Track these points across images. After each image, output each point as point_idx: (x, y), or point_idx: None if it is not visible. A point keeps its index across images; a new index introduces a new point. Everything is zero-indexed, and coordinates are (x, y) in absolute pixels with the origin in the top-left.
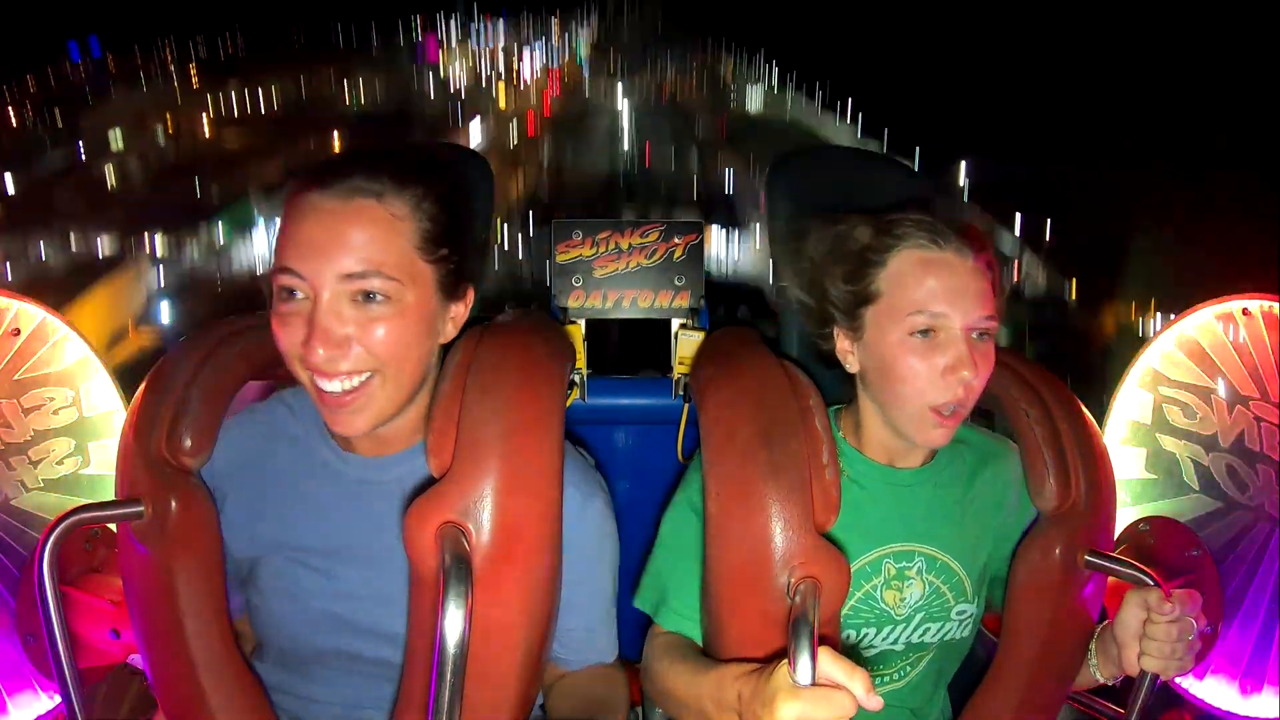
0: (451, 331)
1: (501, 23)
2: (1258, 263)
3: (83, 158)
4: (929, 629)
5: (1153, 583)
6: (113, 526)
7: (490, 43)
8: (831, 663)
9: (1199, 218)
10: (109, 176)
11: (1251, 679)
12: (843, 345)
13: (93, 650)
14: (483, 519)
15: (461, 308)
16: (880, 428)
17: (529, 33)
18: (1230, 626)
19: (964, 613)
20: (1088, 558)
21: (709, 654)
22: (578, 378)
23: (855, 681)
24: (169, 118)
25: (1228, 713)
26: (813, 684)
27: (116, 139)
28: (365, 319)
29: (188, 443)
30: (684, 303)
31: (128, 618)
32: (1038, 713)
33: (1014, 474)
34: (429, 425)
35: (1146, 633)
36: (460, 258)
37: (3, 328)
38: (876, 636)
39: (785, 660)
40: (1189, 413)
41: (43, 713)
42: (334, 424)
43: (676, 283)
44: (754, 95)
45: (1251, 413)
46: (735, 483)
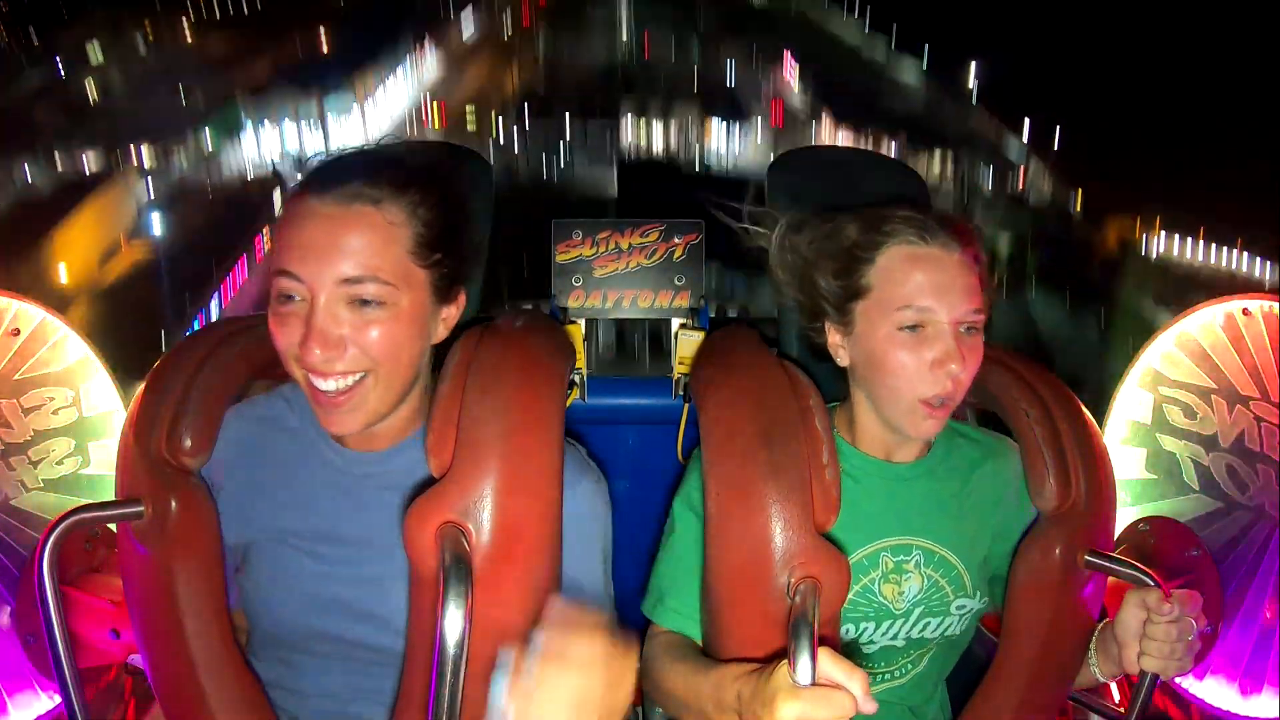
0: (443, 333)
1: None
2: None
3: (61, 74)
4: (929, 623)
5: (1153, 583)
6: (113, 526)
7: None
8: (831, 663)
9: (1217, 143)
10: (90, 91)
11: (1251, 679)
12: (834, 339)
13: (93, 650)
14: (483, 519)
15: (454, 309)
16: (874, 422)
17: None
18: (1230, 626)
19: (964, 607)
20: (1088, 558)
21: (709, 654)
22: (578, 378)
23: (855, 682)
24: (147, 25)
25: (1228, 713)
26: (813, 684)
27: (96, 52)
28: (360, 321)
29: (188, 443)
30: (684, 303)
31: (128, 618)
32: (1038, 713)
33: (1013, 471)
34: (429, 425)
35: (1146, 633)
36: (454, 262)
37: (3, 328)
38: (876, 631)
39: (785, 660)
40: (1189, 413)
41: (43, 713)
42: (327, 423)
43: (676, 282)
44: None
45: (1251, 413)
46: (735, 483)
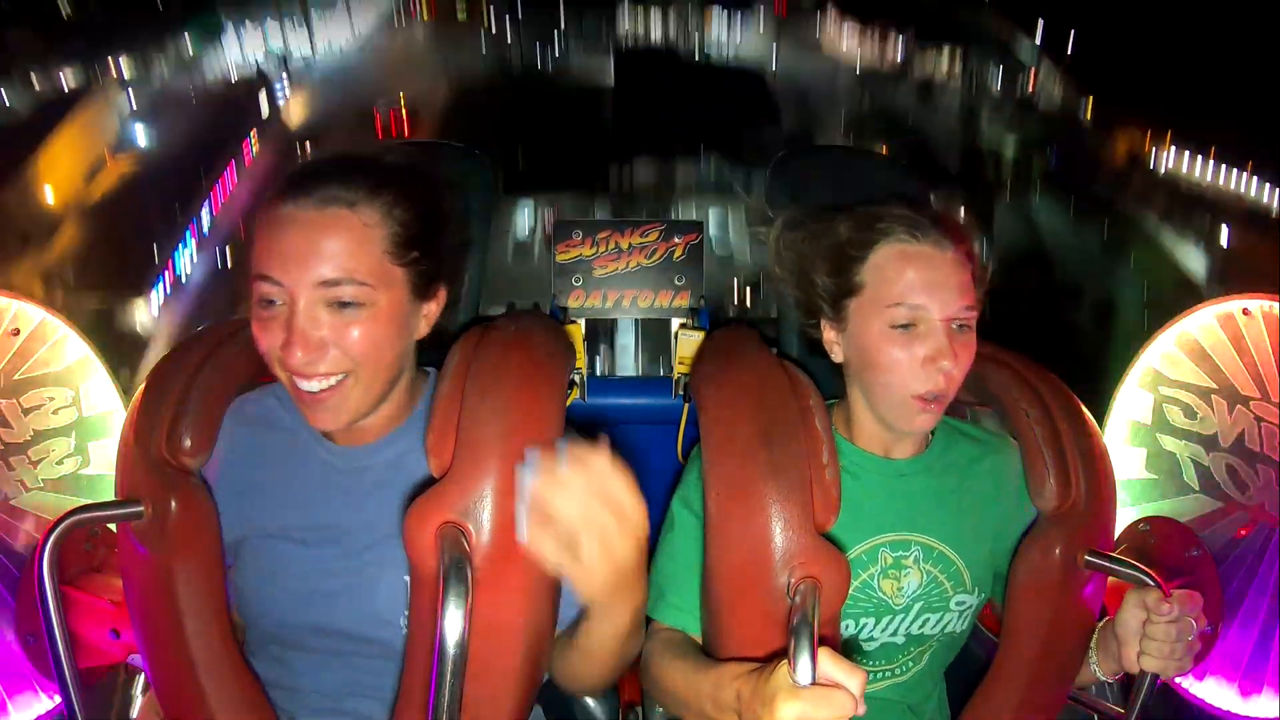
0: (425, 328)
1: None
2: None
3: None
4: (928, 619)
5: (1153, 583)
6: (113, 526)
7: None
8: (831, 663)
9: (1236, 63)
10: (62, 6)
11: (1251, 680)
12: (829, 336)
13: (93, 650)
14: (483, 519)
15: (434, 305)
16: (870, 419)
17: None
18: (1230, 627)
19: (963, 603)
20: (1088, 558)
21: (709, 653)
22: (578, 378)
23: (854, 682)
24: None
25: (1228, 713)
26: (813, 684)
27: None
28: (340, 323)
29: (188, 443)
30: (684, 303)
31: (128, 618)
32: (1038, 712)
33: (1013, 469)
34: (429, 425)
35: (1146, 633)
36: (432, 260)
37: (2, 328)
38: (876, 627)
39: (785, 660)
40: (1189, 413)
41: (43, 713)
42: (312, 420)
43: (676, 282)
44: None
45: (1251, 413)
46: (735, 483)
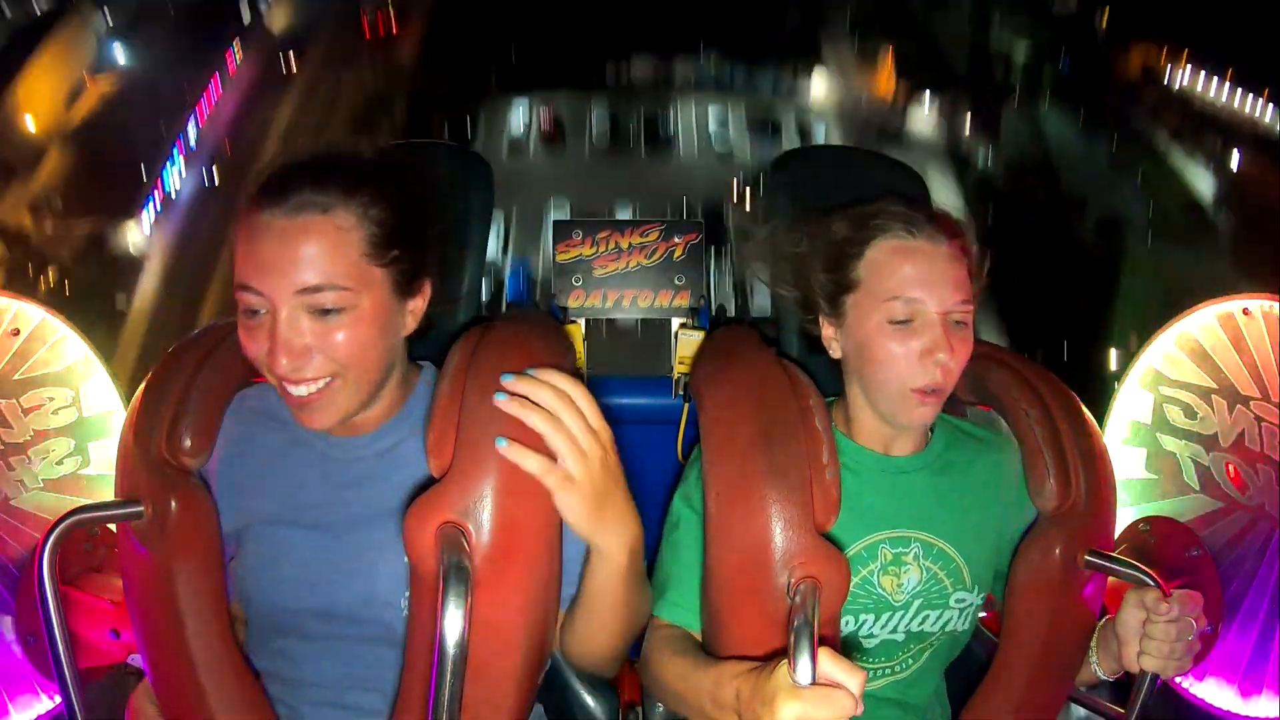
0: (411, 325)
1: None
2: None
3: None
4: (928, 616)
5: (1153, 583)
6: (113, 526)
7: None
8: (831, 663)
9: None
10: None
11: (1251, 680)
12: (827, 332)
13: (93, 650)
14: (483, 519)
15: (420, 301)
16: (870, 415)
17: None
18: (1230, 627)
19: (963, 601)
20: (1088, 558)
21: (709, 652)
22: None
23: (854, 682)
24: None
25: (1228, 713)
26: (813, 684)
27: None
28: (323, 329)
29: (187, 443)
30: (684, 302)
31: (128, 618)
32: (1038, 712)
33: (1013, 467)
34: (429, 425)
35: (1146, 632)
36: (413, 256)
37: (2, 328)
38: (875, 624)
39: (785, 660)
40: (1189, 413)
41: (43, 713)
42: (303, 421)
43: (676, 282)
44: None
45: (1252, 413)
46: (735, 483)
